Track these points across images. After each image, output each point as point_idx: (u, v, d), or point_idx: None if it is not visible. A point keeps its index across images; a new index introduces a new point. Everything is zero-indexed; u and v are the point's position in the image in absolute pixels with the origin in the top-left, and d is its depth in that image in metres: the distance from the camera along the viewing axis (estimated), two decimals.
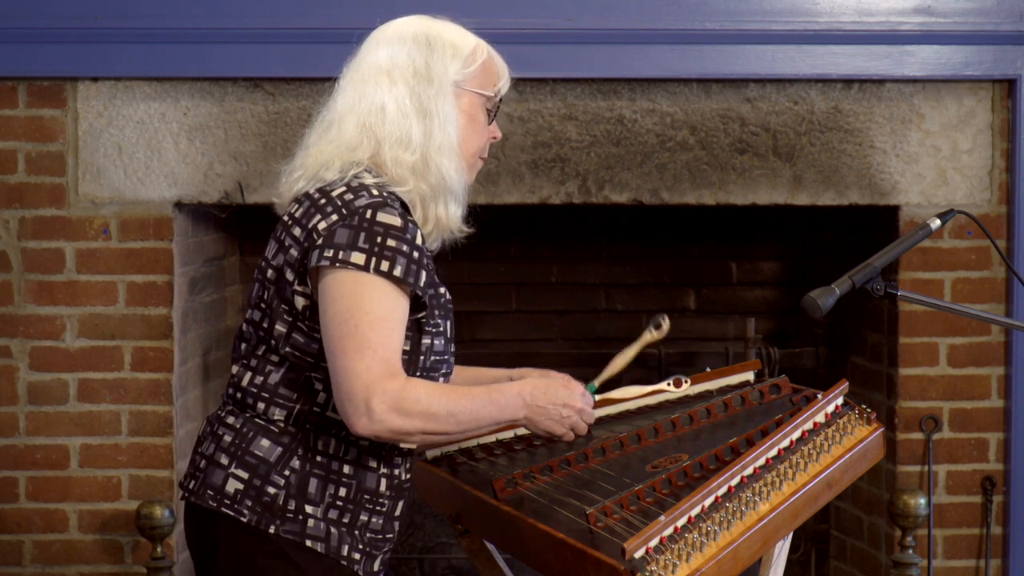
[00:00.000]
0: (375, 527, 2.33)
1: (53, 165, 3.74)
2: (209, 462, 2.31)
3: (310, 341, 2.26)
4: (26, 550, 3.78)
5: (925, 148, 3.80)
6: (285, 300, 2.26)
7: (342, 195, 2.26)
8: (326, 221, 2.23)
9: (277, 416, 2.28)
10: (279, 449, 2.27)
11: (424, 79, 2.32)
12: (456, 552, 4.31)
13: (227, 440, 2.30)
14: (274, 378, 2.29)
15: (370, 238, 2.20)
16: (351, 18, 3.66)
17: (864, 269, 2.46)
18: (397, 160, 2.30)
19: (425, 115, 2.31)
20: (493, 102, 2.40)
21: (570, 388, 2.38)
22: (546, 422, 2.35)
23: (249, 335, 2.34)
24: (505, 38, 2.45)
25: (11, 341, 3.76)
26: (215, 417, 2.36)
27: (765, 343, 4.30)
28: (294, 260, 2.26)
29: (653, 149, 3.78)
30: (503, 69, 2.41)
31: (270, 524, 2.26)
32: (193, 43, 3.68)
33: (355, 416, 2.16)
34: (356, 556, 2.30)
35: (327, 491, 2.28)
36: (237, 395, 2.33)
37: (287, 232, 2.30)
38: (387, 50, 2.34)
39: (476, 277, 4.36)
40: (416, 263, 2.22)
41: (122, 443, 3.77)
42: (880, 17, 3.74)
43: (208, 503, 2.29)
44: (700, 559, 2.14)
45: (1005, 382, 3.85)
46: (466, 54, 2.35)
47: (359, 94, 2.33)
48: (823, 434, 2.40)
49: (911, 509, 3.64)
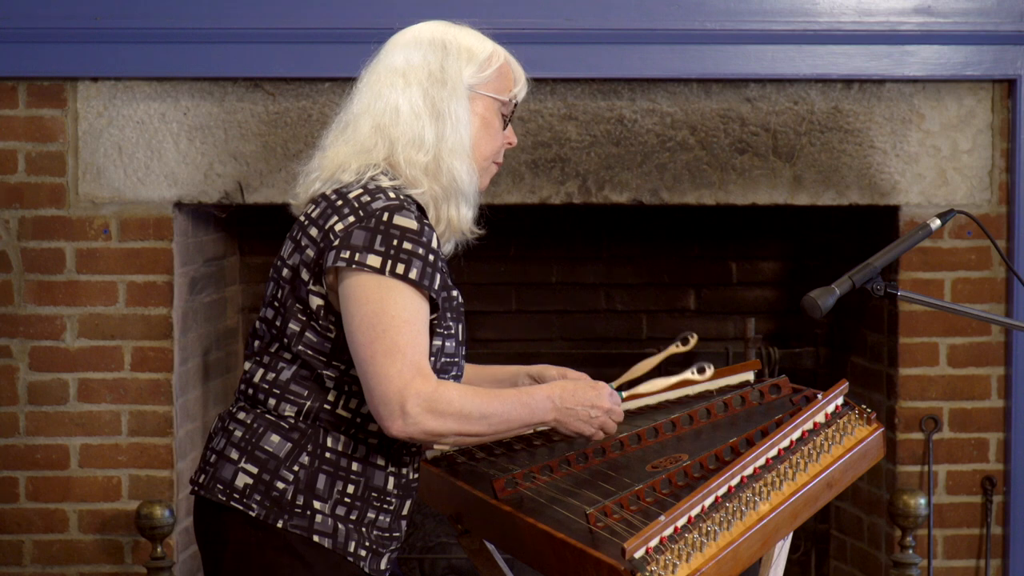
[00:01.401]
0: (382, 525, 2.34)
1: (53, 165, 3.74)
2: (219, 457, 2.34)
3: (323, 340, 2.28)
4: (26, 550, 3.78)
5: (925, 148, 3.80)
6: (300, 299, 2.29)
7: (359, 197, 2.28)
8: (343, 222, 2.26)
9: (288, 412, 2.31)
10: (289, 445, 2.29)
11: (438, 82, 2.34)
12: (456, 552, 4.31)
13: (237, 435, 2.33)
14: (286, 375, 2.31)
15: (386, 241, 2.22)
16: (351, 18, 3.67)
17: (864, 269, 2.46)
18: (410, 161, 2.32)
19: (438, 117, 2.33)
20: (509, 107, 2.43)
21: (598, 389, 2.39)
22: (575, 423, 2.37)
23: (263, 332, 2.36)
24: (505, 38, 2.46)
25: (11, 341, 3.76)
26: (227, 413, 2.39)
27: (765, 343, 4.30)
28: (310, 260, 2.28)
29: (653, 149, 3.78)
30: (520, 75, 2.44)
31: (278, 519, 2.27)
32: (193, 43, 3.68)
33: (390, 419, 2.19)
34: (362, 553, 2.31)
35: (335, 488, 2.29)
36: (249, 391, 2.35)
37: (303, 232, 2.32)
38: (403, 53, 2.37)
39: (476, 277, 4.36)
40: (431, 266, 2.25)
41: (122, 443, 3.77)
42: (880, 17, 3.74)
43: (217, 497, 2.31)
44: (700, 559, 2.14)
45: (1005, 382, 3.85)
46: (482, 59, 2.38)
47: (374, 95, 2.35)
48: (823, 434, 2.41)
49: (911, 509, 3.64)
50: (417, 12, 2.95)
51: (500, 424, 2.28)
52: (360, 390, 2.28)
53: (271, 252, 4.32)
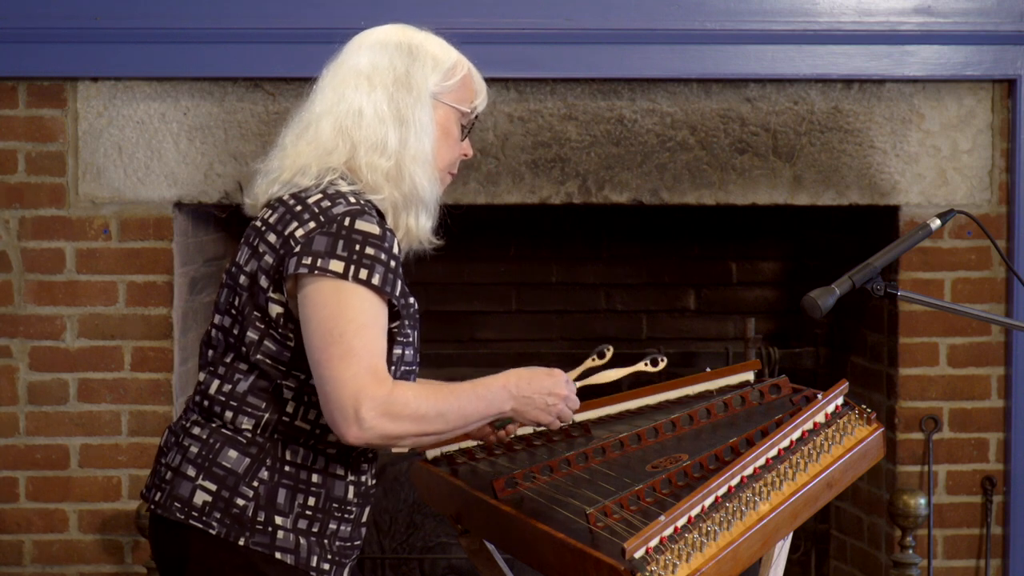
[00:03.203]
0: (343, 535, 2.32)
1: (53, 165, 3.74)
2: (175, 474, 2.29)
3: (282, 349, 2.24)
4: (26, 550, 3.78)
5: (925, 148, 3.80)
6: (258, 307, 2.25)
7: (319, 202, 2.25)
8: (303, 228, 2.22)
9: (245, 425, 2.27)
10: (247, 460, 2.25)
11: (404, 87, 2.32)
12: (456, 552, 4.31)
13: (193, 451, 2.28)
14: (243, 386, 2.27)
15: (348, 246, 2.19)
16: (351, 18, 3.66)
17: (864, 269, 2.46)
18: (372, 165, 2.30)
19: (402, 123, 2.31)
20: (468, 118, 2.40)
21: (554, 376, 2.38)
22: (533, 412, 2.35)
23: (217, 342, 2.32)
24: (505, 38, 2.46)
25: (11, 341, 3.76)
26: (179, 427, 2.34)
27: (765, 343, 4.30)
28: (269, 267, 2.24)
29: (653, 149, 3.78)
30: (482, 87, 2.42)
31: (239, 536, 2.24)
32: (193, 43, 3.68)
33: (345, 425, 2.15)
34: (325, 567, 2.29)
35: (296, 501, 2.26)
36: (204, 403, 2.31)
37: (260, 238, 2.28)
38: (369, 55, 2.35)
39: (476, 277, 4.36)
40: (393, 272, 2.22)
41: (122, 443, 3.77)
42: (880, 17, 3.74)
43: (175, 515, 2.27)
44: (700, 559, 2.15)
45: (1005, 382, 3.85)
46: (447, 67, 2.36)
47: (338, 96, 2.33)
48: (823, 434, 2.41)
49: (911, 509, 3.64)
50: (417, 12, 2.96)
51: (457, 420, 2.26)
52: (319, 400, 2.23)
53: None
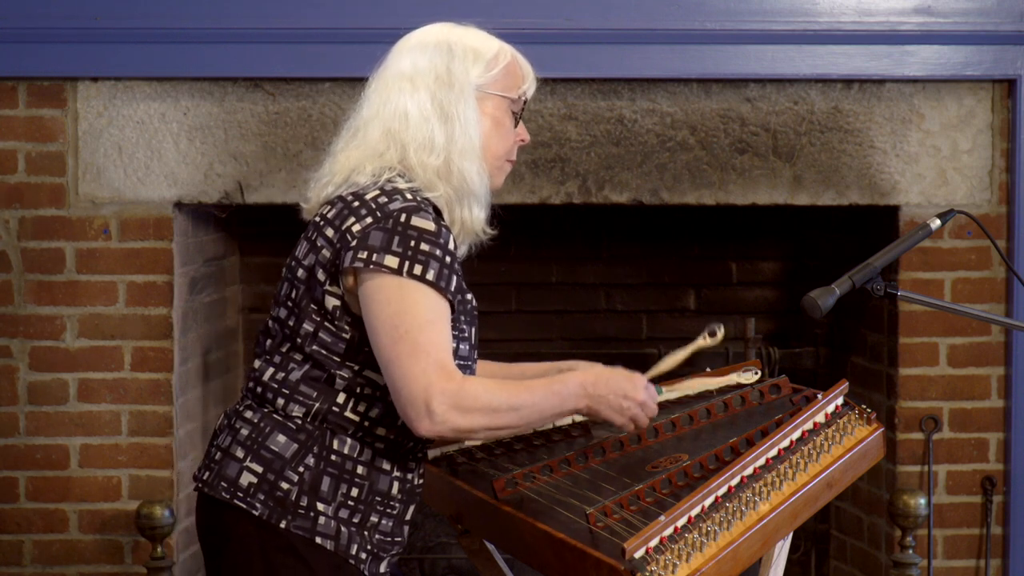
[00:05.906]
0: (384, 529, 2.35)
1: (53, 165, 3.74)
2: (224, 454, 2.34)
3: (337, 340, 2.29)
4: (26, 550, 3.78)
5: (925, 148, 3.80)
6: (315, 300, 2.29)
7: (376, 198, 2.29)
8: (360, 223, 2.26)
9: (295, 413, 2.31)
10: (295, 446, 2.29)
11: (445, 84, 2.35)
12: (456, 552, 4.31)
13: (244, 434, 2.33)
14: (296, 375, 2.31)
15: (404, 242, 2.23)
16: (351, 18, 3.67)
17: (864, 269, 2.46)
18: (423, 164, 2.34)
19: (447, 119, 2.35)
20: (519, 105, 2.44)
21: (633, 380, 2.38)
22: (606, 411, 2.36)
23: (275, 332, 2.36)
24: (505, 38, 2.46)
25: (11, 341, 3.76)
26: (233, 411, 2.39)
27: (765, 343, 4.30)
28: (326, 261, 2.29)
29: (653, 149, 3.78)
30: (528, 72, 2.45)
31: (281, 519, 2.28)
32: (193, 43, 3.68)
33: (417, 419, 2.19)
34: (363, 556, 2.32)
35: (339, 490, 2.30)
36: (257, 389, 2.35)
37: (319, 233, 2.32)
38: (410, 57, 2.38)
39: (476, 277, 4.34)
40: (448, 268, 2.26)
41: (122, 443, 3.77)
42: (880, 17, 3.74)
43: (221, 495, 2.32)
44: (700, 559, 2.15)
45: (1005, 382, 3.85)
46: (488, 58, 2.39)
47: (383, 100, 2.37)
48: (823, 434, 2.41)
49: (911, 509, 3.64)
50: (417, 12, 2.96)
51: (531, 414, 2.28)
52: (371, 393, 2.29)
53: (271, 252, 4.32)
